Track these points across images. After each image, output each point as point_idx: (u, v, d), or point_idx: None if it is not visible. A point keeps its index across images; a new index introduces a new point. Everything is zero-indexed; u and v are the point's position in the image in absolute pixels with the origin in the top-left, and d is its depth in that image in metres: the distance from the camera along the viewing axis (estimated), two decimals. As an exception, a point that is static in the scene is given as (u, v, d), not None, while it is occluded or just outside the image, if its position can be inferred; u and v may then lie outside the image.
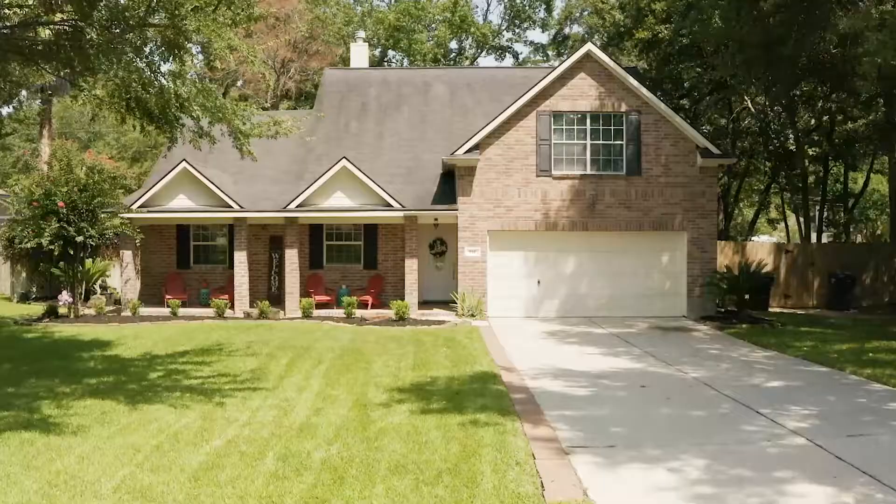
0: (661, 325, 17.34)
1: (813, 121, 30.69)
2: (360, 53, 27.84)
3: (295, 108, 36.24)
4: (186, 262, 21.25)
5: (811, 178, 31.44)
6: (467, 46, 40.74)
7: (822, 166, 32.45)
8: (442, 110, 24.19)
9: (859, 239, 36.97)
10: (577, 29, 39.60)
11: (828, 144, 30.27)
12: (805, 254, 23.60)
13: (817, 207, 33.24)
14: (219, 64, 9.07)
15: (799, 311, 21.66)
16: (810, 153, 30.78)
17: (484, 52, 40.63)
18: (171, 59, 9.13)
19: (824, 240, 34.06)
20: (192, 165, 19.01)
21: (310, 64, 39.85)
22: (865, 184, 33.71)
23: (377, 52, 39.56)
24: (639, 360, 12.55)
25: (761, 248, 24.01)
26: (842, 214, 33.52)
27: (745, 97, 29.63)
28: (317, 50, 40.00)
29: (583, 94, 18.89)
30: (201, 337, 14.92)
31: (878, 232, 40.34)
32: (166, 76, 9.87)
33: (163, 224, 20.74)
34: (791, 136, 30.64)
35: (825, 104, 27.70)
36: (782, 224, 50.10)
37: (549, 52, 39.39)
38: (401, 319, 17.13)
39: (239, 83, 41.81)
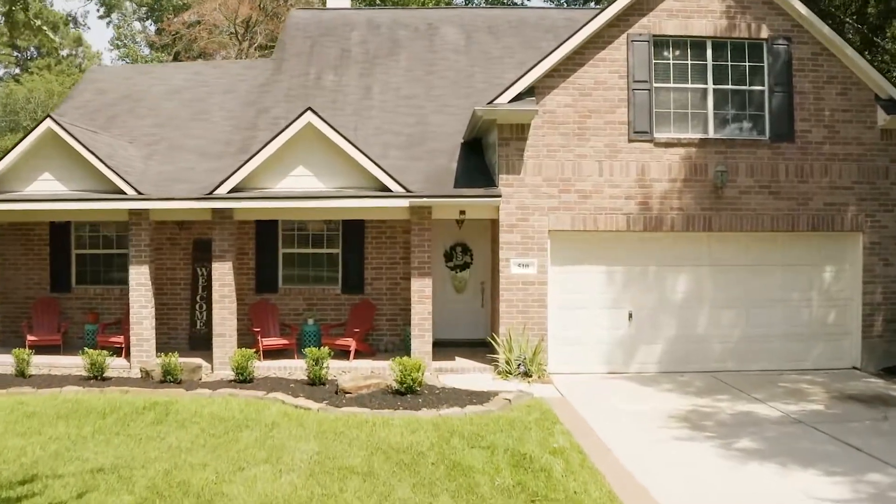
0: (848, 393, 10.12)
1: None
2: (339, -7, 20.29)
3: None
4: (65, 281, 13.57)
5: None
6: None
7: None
8: (456, 59, 16.81)
9: None
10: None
11: None
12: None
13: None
14: None
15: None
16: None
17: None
18: None
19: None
20: (59, 124, 11.49)
21: (280, 27, 32.37)
22: None
23: (362, 4, 31.83)
24: None
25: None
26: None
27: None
28: (289, 8, 32.51)
29: (700, 9, 11.58)
30: (15, 446, 7.42)
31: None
32: None
33: (29, 223, 13.22)
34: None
35: None
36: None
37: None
38: (409, 392, 9.63)
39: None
